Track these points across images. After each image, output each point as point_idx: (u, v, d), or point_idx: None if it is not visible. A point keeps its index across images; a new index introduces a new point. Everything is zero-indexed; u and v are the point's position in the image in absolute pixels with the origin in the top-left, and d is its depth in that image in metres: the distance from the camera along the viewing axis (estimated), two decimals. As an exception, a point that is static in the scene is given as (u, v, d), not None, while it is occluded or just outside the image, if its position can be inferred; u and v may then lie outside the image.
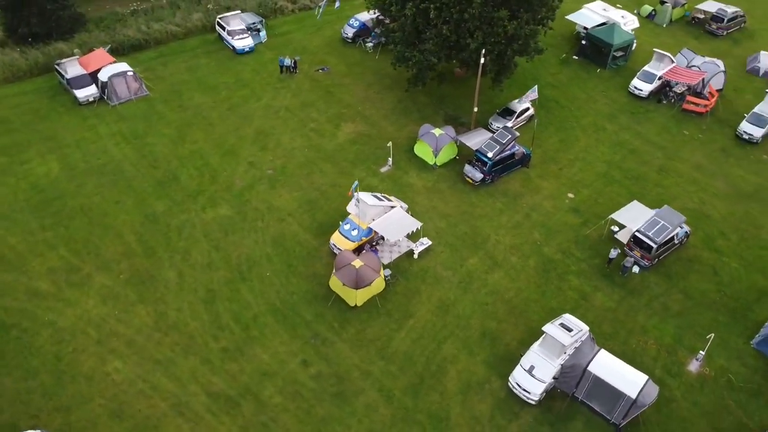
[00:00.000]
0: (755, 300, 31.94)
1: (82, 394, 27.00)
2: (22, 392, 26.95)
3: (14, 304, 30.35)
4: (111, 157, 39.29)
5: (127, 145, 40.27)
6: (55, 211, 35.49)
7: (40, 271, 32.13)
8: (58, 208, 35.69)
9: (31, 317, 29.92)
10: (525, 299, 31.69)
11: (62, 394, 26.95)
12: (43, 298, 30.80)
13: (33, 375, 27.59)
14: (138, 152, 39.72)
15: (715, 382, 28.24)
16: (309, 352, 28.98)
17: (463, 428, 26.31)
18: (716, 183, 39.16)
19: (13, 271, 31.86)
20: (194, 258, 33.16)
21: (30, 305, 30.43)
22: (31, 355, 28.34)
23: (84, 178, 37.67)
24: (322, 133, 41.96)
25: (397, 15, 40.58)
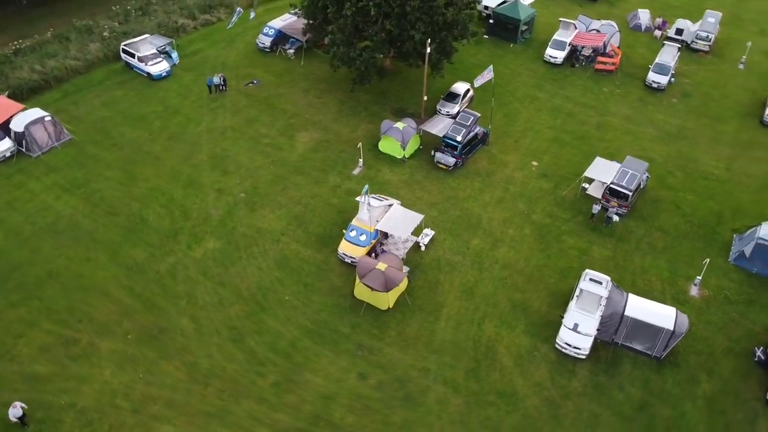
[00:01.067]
0: (716, 223, 36.26)
1: (138, 471, 24.45)
2: (67, 489, 23.82)
3: (16, 396, 26.46)
4: (58, 213, 35.24)
5: (71, 196, 36.32)
6: (17, 284, 31.26)
7: (30, 353, 28.27)
8: (20, 280, 31.46)
9: (44, 406, 26.32)
10: (536, 266, 33.41)
11: (116, 478, 24.20)
12: (48, 382, 27.20)
13: (72, 467, 24.47)
14: (87, 201, 35.99)
15: (716, 300, 31.87)
16: (361, 365, 28.46)
17: (531, 397, 27.42)
18: (647, 130, 43.58)
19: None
20: (201, 299, 30.97)
21: (35, 393, 26.73)
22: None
23: (36, 241, 33.48)
24: (279, 146, 40.67)
25: (335, 17, 40.26)
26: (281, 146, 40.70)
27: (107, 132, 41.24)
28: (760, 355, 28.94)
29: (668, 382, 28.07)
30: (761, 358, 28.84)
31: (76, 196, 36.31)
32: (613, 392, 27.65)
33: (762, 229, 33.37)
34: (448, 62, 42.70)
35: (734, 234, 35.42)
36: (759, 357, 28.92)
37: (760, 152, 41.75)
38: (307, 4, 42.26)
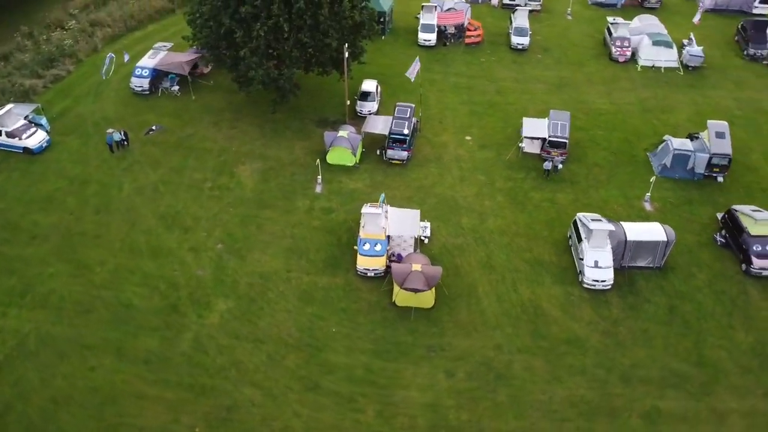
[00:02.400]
0: (630, 148, 42.40)
1: None
2: None
3: None
4: (17, 332, 29.23)
5: (21, 309, 30.29)
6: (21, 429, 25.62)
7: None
8: (19, 423, 25.79)
9: None
10: (525, 225, 36.22)
11: None
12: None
13: None
14: (45, 308, 30.41)
15: (664, 208, 37.74)
16: (441, 363, 28.76)
17: (592, 335, 30.17)
18: (536, 86, 48.85)
19: None
20: (250, 362, 28.42)
21: None
22: None
23: (11, 370, 27.55)
24: (226, 186, 37.99)
25: (244, 41, 38.32)
26: (228, 186, 38.03)
27: (16, 225, 34.76)
28: (721, 239, 35.26)
29: (676, 283, 32.94)
30: (722, 240, 35.16)
31: (26, 308, 30.37)
32: (645, 306, 31.72)
33: (673, 142, 40.09)
34: (360, 63, 43.21)
35: (646, 153, 41.94)
36: (720, 240, 35.22)
37: (624, 83, 49.35)
38: (206, 34, 39.48)
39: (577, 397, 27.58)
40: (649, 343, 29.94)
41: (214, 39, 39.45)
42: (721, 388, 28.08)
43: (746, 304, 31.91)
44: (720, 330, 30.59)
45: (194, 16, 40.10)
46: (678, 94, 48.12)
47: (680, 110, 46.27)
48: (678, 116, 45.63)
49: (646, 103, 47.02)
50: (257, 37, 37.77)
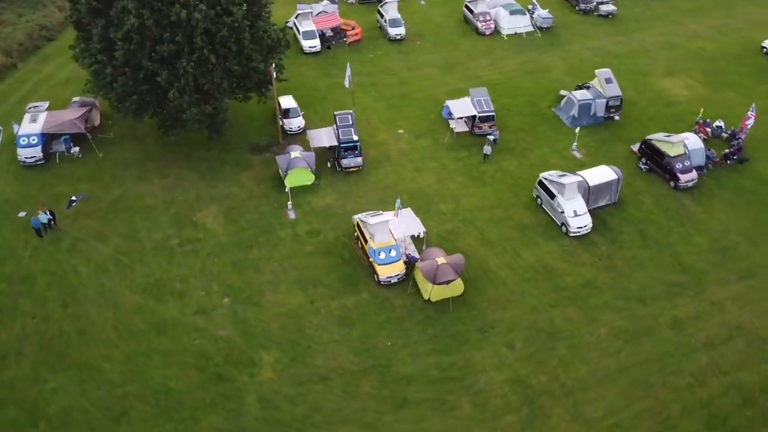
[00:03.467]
0: (536, 107, 47.21)
1: None
2: None
3: None
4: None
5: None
6: None
7: None
8: None
9: None
10: (494, 197, 38.78)
11: None
12: None
13: None
14: (68, 429, 26.06)
15: (590, 153, 42.90)
16: (498, 340, 30.29)
17: (600, 273, 33.69)
18: (429, 70, 51.56)
19: None
20: (329, 402, 27.36)
21: None
22: None
23: None
24: (196, 239, 35.20)
25: (169, 81, 35.31)
26: (197, 237, 35.23)
27: (-30, 350, 28.86)
28: (644, 166, 41.27)
29: (632, 212, 38.03)
30: (646, 167, 41.17)
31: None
32: (622, 237, 36.26)
33: (575, 94, 45.54)
34: (282, 81, 42.06)
35: (552, 109, 47.03)
36: (645, 167, 41.23)
37: (499, 53, 54.30)
38: (122, 83, 35.48)
39: (617, 329, 31.10)
40: (641, 266, 34.51)
41: (132, 86, 35.71)
42: (708, 284, 33.56)
43: (688, 213, 38.07)
44: (682, 239, 36.24)
45: (99, 66, 35.87)
46: (545, 54, 54.23)
47: (555, 67, 52.31)
48: (556, 72, 51.57)
49: (525, 67, 52.34)
50: (185, 74, 35.08)
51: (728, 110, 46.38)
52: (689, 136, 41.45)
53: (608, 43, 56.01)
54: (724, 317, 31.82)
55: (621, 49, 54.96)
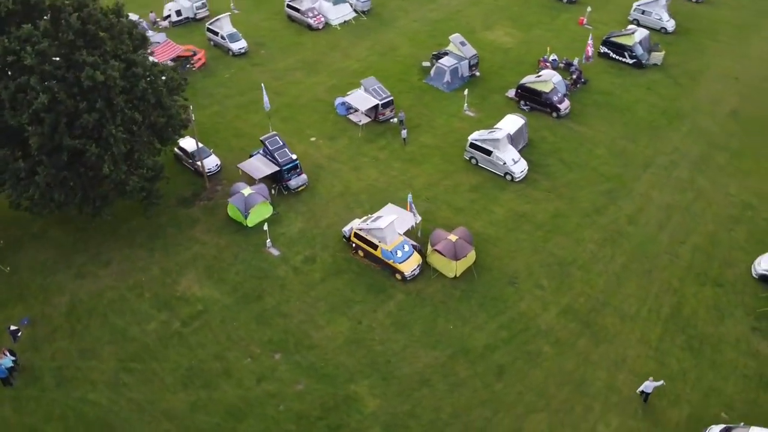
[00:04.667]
0: (408, 84, 50.40)
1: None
2: None
3: None
4: None
5: None
6: None
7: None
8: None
9: None
10: (436, 171, 41.36)
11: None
12: None
13: None
14: None
15: (477, 108, 47.81)
16: (533, 300, 33.71)
17: (567, 209, 38.97)
18: (295, 74, 51.33)
19: None
20: (472, 399, 28.12)
21: None
22: None
23: None
24: (200, 313, 31.93)
25: (99, 156, 30.56)
26: (199, 310, 31.94)
27: None
28: (525, 107, 47.55)
29: (542, 146, 43.95)
30: (527, 107, 47.42)
31: None
32: (552, 168, 41.77)
33: (443, 62, 49.74)
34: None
35: (423, 81, 50.79)
36: (526, 107, 47.45)
37: (345, 43, 55.94)
38: (43, 174, 29.52)
39: (599, 240, 36.53)
40: (579, 186, 40.40)
41: (55, 174, 30.00)
42: (628, 182, 40.83)
43: (578, 134, 45.20)
44: (590, 155, 43.12)
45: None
46: (382, 34, 57.40)
47: (399, 44, 55.90)
48: (403, 48, 55.21)
49: (375, 50, 55.04)
50: (116, 141, 30.64)
51: (546, 43, 55.04)
52: (550, 72, 48.76)
53: (426, 12, 61.23)
54: (654, 202, 39.46)
55: (439, 15, 60.68)
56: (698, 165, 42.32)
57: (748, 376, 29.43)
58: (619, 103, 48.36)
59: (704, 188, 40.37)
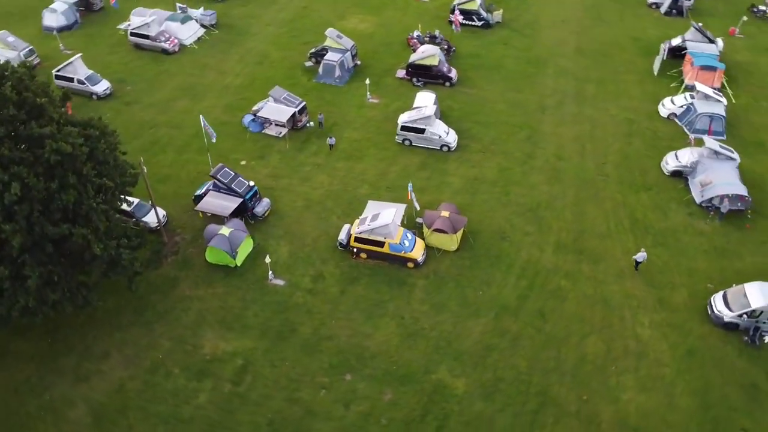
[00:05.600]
0: (299, 87, 50.20)
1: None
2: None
3: None
4: None
5: None
6: None
7: None
8: None
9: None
10: (380, 162, 42.38)
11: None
12: None
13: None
14: None
15: (378, 92, 49.44)
16: (529, 244, 36.98)
17: (493, 164, 42.77)
18: (179, 103, 47.82)
19: None
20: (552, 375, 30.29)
21: None
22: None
23: None
24: (240, 374, 29.52)
25: (83, 236, 26.61)
26: (238, 375, 29.55)
27: None
28: (418, 83, 50.35)
29: (452, 113, 47.23)
30: (420, 83, 50.33)
31: None
32: (474, 131, 45.15)
33: (329, 58, 50.19)
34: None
35: (313, 81, 50.80)
36: (419, 83, 50.32)
37: (211, 60, 53.32)
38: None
39: (547, 178, 41.18)
40: (506, 143, 44.35)
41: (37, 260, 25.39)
42: (540, 125, 46.08)
43: (477, 96, 49.10)
44: (497, 113, 47.14)
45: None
46: (243, 45, 55.52)
47: (267, 51, 54.77)
48: (273, 54, 54.26)
49: (248, 60, 53.32)
50: (99, 214, 26.87)
51: (399, 23, 58.33)
52: (428, 46, 51.96)
53: (274, 14, 60.39)
54: (565, 137, 45.09)
55: (289, 15, 60.39)
56: (578, 98, 49.09)
57: (707, 251, 36.21)
58: (489, 62, 53.49)
59: (593, 116, 47.15)
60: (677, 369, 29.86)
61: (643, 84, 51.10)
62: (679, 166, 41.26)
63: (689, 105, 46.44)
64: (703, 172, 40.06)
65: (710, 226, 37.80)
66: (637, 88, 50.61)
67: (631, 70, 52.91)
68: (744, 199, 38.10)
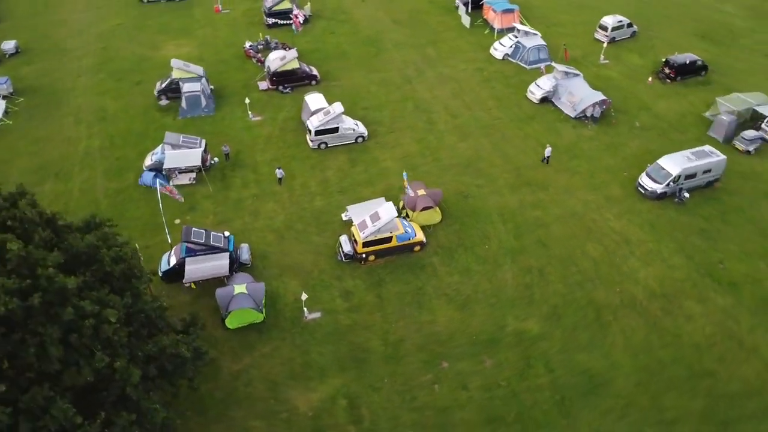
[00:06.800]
0: (156, 124, 45.77)
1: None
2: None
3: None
4: None
5: None
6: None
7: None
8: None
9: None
10: (313, 169, 41.67)
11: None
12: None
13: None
14: None
15: (254, 109, 47.66)
16: (491, 192, 40.43)
17: (415, 139, 45.27)
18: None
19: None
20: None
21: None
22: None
23: None
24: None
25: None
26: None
27: None
28: (284, 91, 49.84)
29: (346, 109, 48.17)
30: (287, 90, 49.87)
31: None
32: (370, 117, 47.02)
33: (187, 89, 46.50)
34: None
35: (178, 118, 46.69)
36: (286, 91, 49.85)
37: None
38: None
39: (485, 132, 45.17)
40: (407, 109, 47.29)
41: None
42: (418, 85, 49.76)
43: (345, 85, 50.74)
44: (374, 90, 49.56)
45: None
46: (67, 103, 48.23)
47: (99, 103, 48.49)
48: (110, 104, 48.31)
49: (88, 118, 46.66)
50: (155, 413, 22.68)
51: (215, 38, 56.30)
52: (280, 52, 51.18)
53: (73, 62, 53.36)
54: (452, 102, 49.41)
55: (93, 60, 53.87)
56: (428, 63, 53.83)
57: (604, 149, 44.10)
58: (332, 53, 55.15)
59: (451, 74, 52.38)
60: (655, 240, 36.87)
61: (465, 37, 57.90)
62: (545, 92, 48.75)
63: (516, 44, 54.45)
64: (566, 92, 48.12)
65: (592, 131, 45.98)
66: (463, 41, 57.21)
67: (447, 29, 59.35)
68: (605, 101, 47.01)
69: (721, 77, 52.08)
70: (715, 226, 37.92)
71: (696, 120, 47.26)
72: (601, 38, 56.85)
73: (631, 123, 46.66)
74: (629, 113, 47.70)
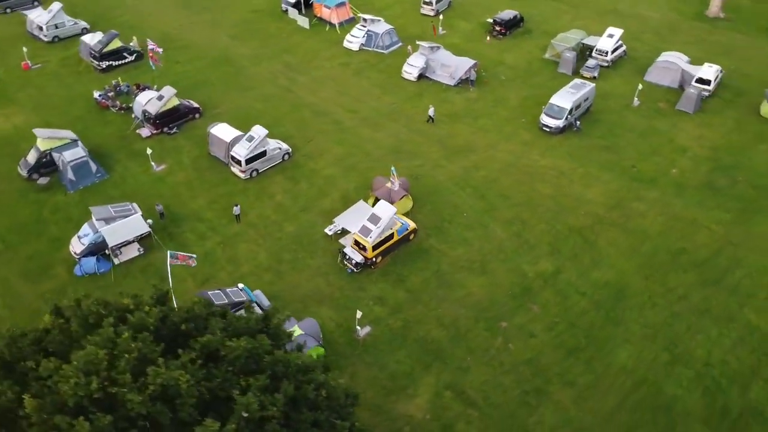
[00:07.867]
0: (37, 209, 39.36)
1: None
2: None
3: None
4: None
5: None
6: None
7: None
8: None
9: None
10: (270, 202, 39.75)
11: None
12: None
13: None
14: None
15: (157, 155, 43.12)
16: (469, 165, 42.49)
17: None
18: None
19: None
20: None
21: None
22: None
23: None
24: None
25: None
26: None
27: None
28: (172, 131, 45.81)
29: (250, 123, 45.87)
30: (171, 131, 45.90)
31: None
32: (282, 128, 45.70)
33: (66, 158, 40.24)
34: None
35: (69, 193, 40.26)
36: (170, 130, 45.90)
37: None
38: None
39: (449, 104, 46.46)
40: (314, 109, 46.87)
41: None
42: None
43: (231, 112, 48.37)
44: (254, 110, 48.11)
45: None
46: None
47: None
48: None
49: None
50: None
51: (51, 95, 49.24)
52: (153, 92, 46.45)
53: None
54: (348, 101, 50.01)
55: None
56: (293, 69, 53.71)
57: (493, 104, 49.32)
58: (193, 80, 51.72)
59: (326, 74, 53.17)
60: (581, 165, 42.95)
61: (311, 38, 58.65)
62: (420, 69, 52.18)
63: (367, 32, 56.90)
64: (438, 65, 52.17)
65: (475, 92, 50.90)
66: (312, 42, 57.94)
67: (290, 33, 59.54)
68: (476, 64, 52.14)
69: (535, 26, 60.85)
70: (611, 141, 45.48)
71: (540, 63, 55.00)
72: (428, 12, 62.15)
73: (498, 78, 52.62)
74: (489, 70, 53.59)
